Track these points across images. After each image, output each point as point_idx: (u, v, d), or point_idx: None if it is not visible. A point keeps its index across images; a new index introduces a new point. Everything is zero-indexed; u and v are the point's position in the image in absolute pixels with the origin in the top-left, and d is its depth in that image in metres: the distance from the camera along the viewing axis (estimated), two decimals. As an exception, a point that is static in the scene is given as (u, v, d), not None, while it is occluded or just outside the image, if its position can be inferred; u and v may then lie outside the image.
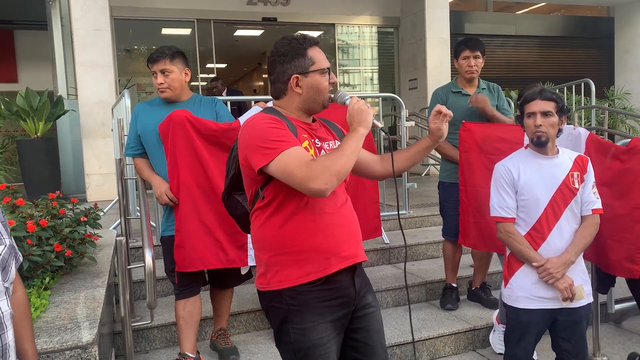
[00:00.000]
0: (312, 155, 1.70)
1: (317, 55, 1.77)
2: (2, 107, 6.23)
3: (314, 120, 1.88)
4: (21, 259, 1.52)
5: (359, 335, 1.82)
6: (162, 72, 2.81)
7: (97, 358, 1.96)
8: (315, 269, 1.71)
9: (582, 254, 2.43)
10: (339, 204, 1.79)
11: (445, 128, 1.89)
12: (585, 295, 2.39)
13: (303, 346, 1.71)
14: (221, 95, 7.65)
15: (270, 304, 1.77)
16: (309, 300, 1.72)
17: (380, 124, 1.78)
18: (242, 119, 2.90)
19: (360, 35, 9.97)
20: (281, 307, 1.74)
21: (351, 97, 1.78)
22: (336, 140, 1.89)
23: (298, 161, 1.59)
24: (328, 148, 1.82)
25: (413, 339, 1.83)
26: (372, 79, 10.27)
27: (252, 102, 4.73)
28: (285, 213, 1.72)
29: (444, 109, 1.87)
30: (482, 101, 3.38)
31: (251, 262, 2.86)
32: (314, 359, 1.71)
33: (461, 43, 3.52)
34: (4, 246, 1.39)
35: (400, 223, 1.93)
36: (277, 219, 1.73)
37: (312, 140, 1.78)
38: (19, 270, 1.50)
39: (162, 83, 2.82)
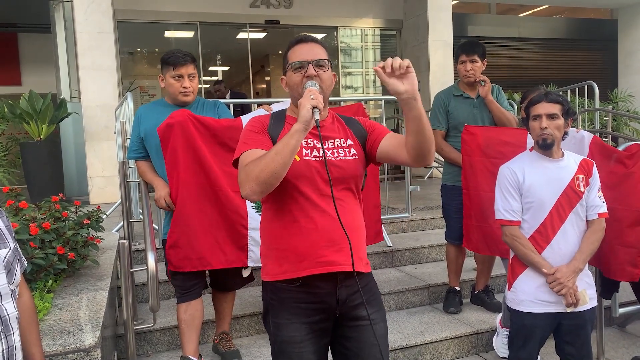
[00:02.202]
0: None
1: (292, 53, 1.80)
2: (6, 109, 6.23)
3: (327, 117, 1.86)
4: (26, 263, 1.53)
5: (349, 344, 1.80)
6: (190, 76, 2.86)
7: (100, 361, 1.96)
8: (290, 269, 1.74)
9: (586, 259, 2.42)
10: (329, 209, 1.71)
11: (394, 81, 1.55)
12: (588, 300, 2.38)
13: (278, 339, 1.78)
14: (224, 98, 7.68)
15: (262, 292, 1.87)
16: (285, 299, 1.76)
17: (316, 116, 1.59)
18: (244, 117, 2.90)
19: (362, 37, 9.98)
20: (265, 298, 1.84)
21: (307, 89, 1.67)
22: (347, 139, 1.83)
23: (241, 164, 1.68)
24: (331, 146, 1.79)
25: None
26: (374, 82, 10.27)
27: (255, 105, 4.74)
28: (273, 211, 1.78)
29: (385, 62, 1.55)
30: (487, 88, 3.44)
31: (250, 262, 2.86)
32: (287, 355, 1.76)
33: (459, 48, 3.54)
34: (8, 249, 1.40)
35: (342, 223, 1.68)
36: (268, 215, 1.80)
37: (304, 139, 1.73)
38: (22, 272, 1.51)
39: (188, 87, 2.86)
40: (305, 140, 1.76)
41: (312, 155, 1.75)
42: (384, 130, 1.88)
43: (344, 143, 1.82)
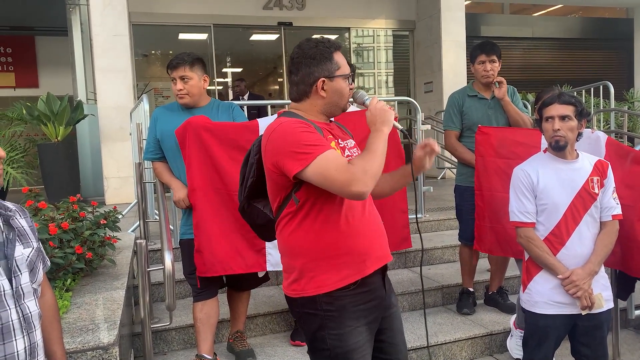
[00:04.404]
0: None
1: (341, 60, 1.80)
2: (24, 111, 6.35)
3: (330, 121, 1.90)
4: (49, 263, 1.56)
5: (384, 336, 1.85)
6: (182, 78, 2.84)
7: (118, 358, 1.99)
8: (352, 272, 1.71)
9: (601, 260, 2.41)
10: (368, 205, 1.81)
11: (428, 160, 1.83)
12: (604, 303, 2.36)
13: (340, 352, 1.71)
14: (243, 95, 7.80)
15: (304, 310, 1.75)
16: (345, 305, 1.71)
17: (400, 126, 1.81)
18: (261, 121, 2.92)
19: (375, 38, 9.97)
20: (316, 314, 1.72)
21: (371, 97, 1.80)
22: (351, 140, 1.91)
23: (336, 165, 1.59)
24: (350, 147, 1.84)
25: (428, 343, 1.84)
26: (387, 82, 10.26)
27: (269, 107, 4.77)
28: (317, 218, 1.70)
29: (433, 144, 1.81)
30: (504, 90, 3.42)
31: (269, 267, 2.88)
32: None
33: (476, 48, 3.52)
34: (31, 249, 1.43)
35: (418, 226, 1.93)
36: (309, 224, 1.71)
37: (336, 140, 1.80)
38: (44, 272, 1.54)
39: (181, 89, 2.85)
40: (336, 141, 1.78)
41: (345, 156, 1.77)
42: None
43: (351, 144, 1.88)
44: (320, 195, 1.68)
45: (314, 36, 1.87)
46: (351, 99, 1.87)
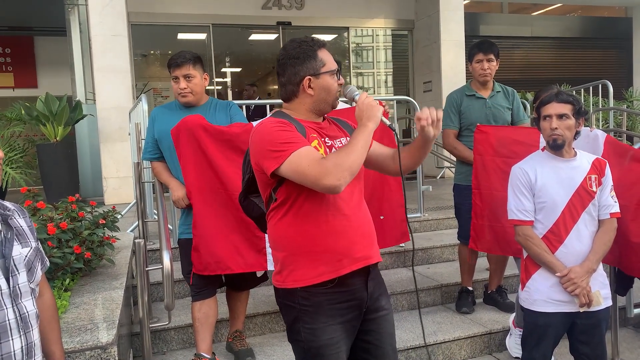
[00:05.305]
0: (322, 153, 1.73)
1: (326, 57, 1.81)
2: (23, 112, 6.34)
3: (323, 119, 1.90)
4: (48, 263, 1.56)
5: (370, 338, 1.84)
6: (186, 77, 2.84)
7: (117, 358, 1.99)
8: (328, 270, 1.73)
9: (600, 258, 2.41)
10: (354, 205, 1.79)
11: (430, 129, 1.75)
12: (602, 301, 2.37)
13: (314, 345, 1.75)
14: (251, 99, 7.88)
15: (284, 301, 1.82)
16: (321, 302, 1.75)
17: (388, 122, 1.80)
18: (255, 124, 2.91)
19: (374, 38, 9.97)
20: (294, 306, 1.78)
21: (360, 93, 1.80)
22: (347, 137, 1.90)
23: (308, 160, 1.62)
24: (339, 145, 1.84)
25: (425, 342, 1.83)
26: (386, 82, 10.26)
27: (268, 107, 4.77)
28: (299, 214, 1.74)
29: (421, 114, 1.74)
30: None
31: (270, 266, 2.88)
32: (324, 359, 1.75)
33: (474, 46, 3.53)
34: (29, 248, 1.43)
35: (409, 226, 1.91)
36: (291, 219, 1.76)
37: (322, 139, 1.80)
38: (43, 272, 1.54)
39: (185, 88, 2.85)
40: (322, 139, 1.79)
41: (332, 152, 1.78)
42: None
43: (346, 141, 1.86)
44: (300, 193, 1.71)
45: (313, 36, 1.87)
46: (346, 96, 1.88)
